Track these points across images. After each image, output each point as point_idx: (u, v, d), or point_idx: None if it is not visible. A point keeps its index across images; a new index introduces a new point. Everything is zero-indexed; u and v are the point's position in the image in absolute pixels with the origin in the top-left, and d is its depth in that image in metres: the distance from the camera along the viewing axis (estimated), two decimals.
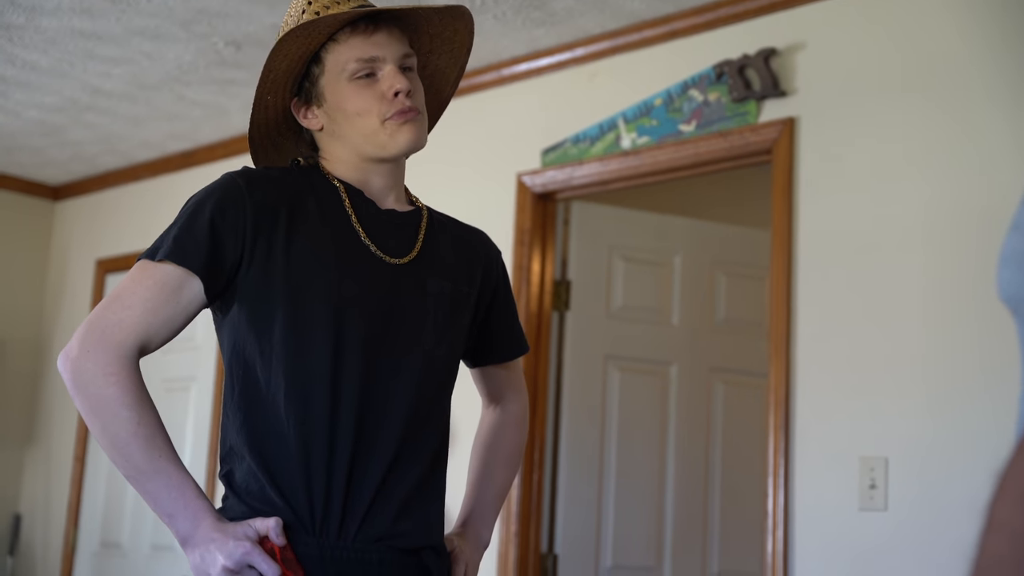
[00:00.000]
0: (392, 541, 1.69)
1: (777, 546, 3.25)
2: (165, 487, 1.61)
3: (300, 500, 1.65)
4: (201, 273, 1.66)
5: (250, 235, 1.69)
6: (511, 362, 2.03)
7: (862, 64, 3.33)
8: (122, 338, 1.62)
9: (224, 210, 1.68)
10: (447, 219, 1.95)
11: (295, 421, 1.67)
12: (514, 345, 2.01)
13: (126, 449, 1.60)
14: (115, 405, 1.60)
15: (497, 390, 2.03)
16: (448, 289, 1.82)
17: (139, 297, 1.64)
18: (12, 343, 6.07)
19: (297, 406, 1.67)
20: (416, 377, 1.74)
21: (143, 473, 1.61)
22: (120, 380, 1.60)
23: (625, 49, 3.89)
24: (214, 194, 1.70)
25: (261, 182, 1.74)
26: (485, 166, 4.23)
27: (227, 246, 1.68)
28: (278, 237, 1.70)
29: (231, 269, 1.69)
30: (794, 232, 3.38)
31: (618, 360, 4.18)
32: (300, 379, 1.68)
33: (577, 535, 4.03)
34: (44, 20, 4.06)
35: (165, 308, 1.65)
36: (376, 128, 1.77)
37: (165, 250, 1.66)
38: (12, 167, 5.99)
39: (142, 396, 1.62)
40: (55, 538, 5.83)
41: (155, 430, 1.62)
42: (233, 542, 1.58)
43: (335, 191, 1.79)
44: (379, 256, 1.76)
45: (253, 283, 1.70)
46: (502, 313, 1.97)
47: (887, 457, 3.08)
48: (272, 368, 1.69)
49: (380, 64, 1.77)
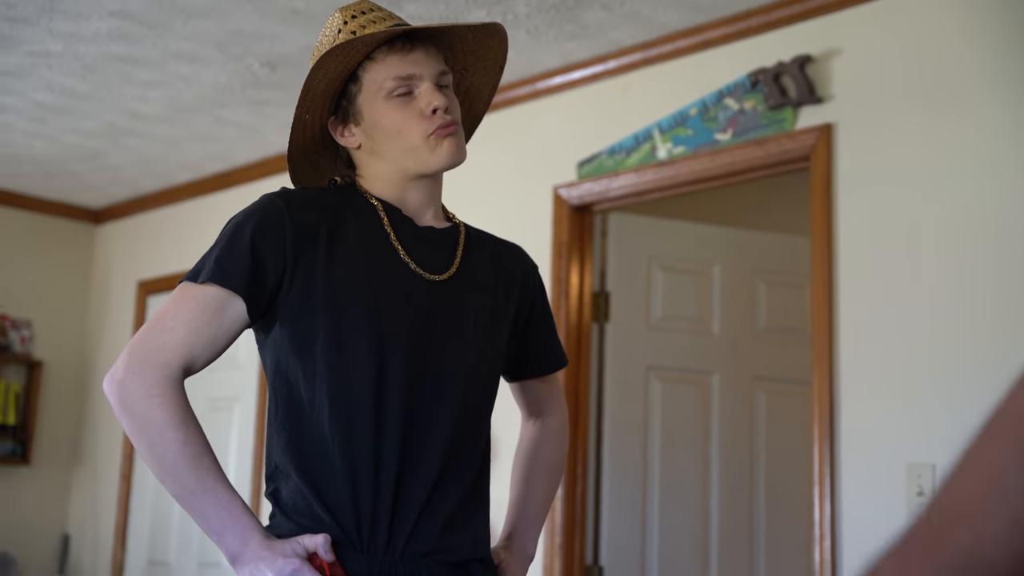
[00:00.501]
0: (439, 556, 1.70)
1: (825, 556, 3.22)
2: (213, 506, 1.62)
3: (347, 517, 1.66)
4: (243, 293, 1.67)
5: (291, 256, 1.70)
6: (550, 376, 2.03)
7: (898, 68, 3.31)
8: (166, 359, 1.63)
9: (264, 231, 1.69)
10: (484, 234, 1.95)
11: (339, 440, 1.67)
12: (552, 359, 2.01)
13: (173, 469, 1.61)
14: (161, 426, 1.61)
15: (537, 404, 2.03)
16: (487, 304, 1.82)
17: (182, 319, 1.66)
18: (57, 366, 6.14)
19: (341, 426, 1.68)
20: (458, 394, 1.75)
21: (191, 492, 1.62)
22: (165, 401, 1.62)
23: (658, 60, 3.88)
24: (254, 215, 1.71)
25: (300, 202, 1.75)
26: (521, 180, 4.23)
27: (268, 267, 1.69)
28: (318, 257, 1.71)
29: (272, 290, 1.70)
30: (834, 238, 3.36)
31: (659, 371, 4.17)
32: (343, 399, 1.68)
33: (622, 547, 4.01)
34: (82, 47, 4.10)
35: (208, 329, 1.66)
36: (418, 144, 1.77)
37: (207, 272, 1.68)
38: (53, 192, 6.06)
39: (187, 416, 1.64)
40: (103, 557, 5.89)
41: (201, 449, 1.63)
42: (282, 559, 1.58)
43: (373, 209, 1.79)
44: (419, 273, 1.76)
45: (294, 303, 1.70)
46: (540, 327, 1.97)
47: (934, 463, 3.05)
48: (316, 388, 1.69)
49: (417, 82, 1.77)
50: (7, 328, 5.99)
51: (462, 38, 1.87)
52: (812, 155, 3.43)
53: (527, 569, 1.94)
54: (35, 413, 6.03)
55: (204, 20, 3.84)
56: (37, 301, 6.17)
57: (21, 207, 6.12)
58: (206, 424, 1.75)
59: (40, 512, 6.08)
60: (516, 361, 1.96)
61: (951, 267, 3.11)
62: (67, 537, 6.10)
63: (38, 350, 6.11)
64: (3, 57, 4.23)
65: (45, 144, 5.24)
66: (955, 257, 3.10)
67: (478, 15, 3.71)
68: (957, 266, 3.10)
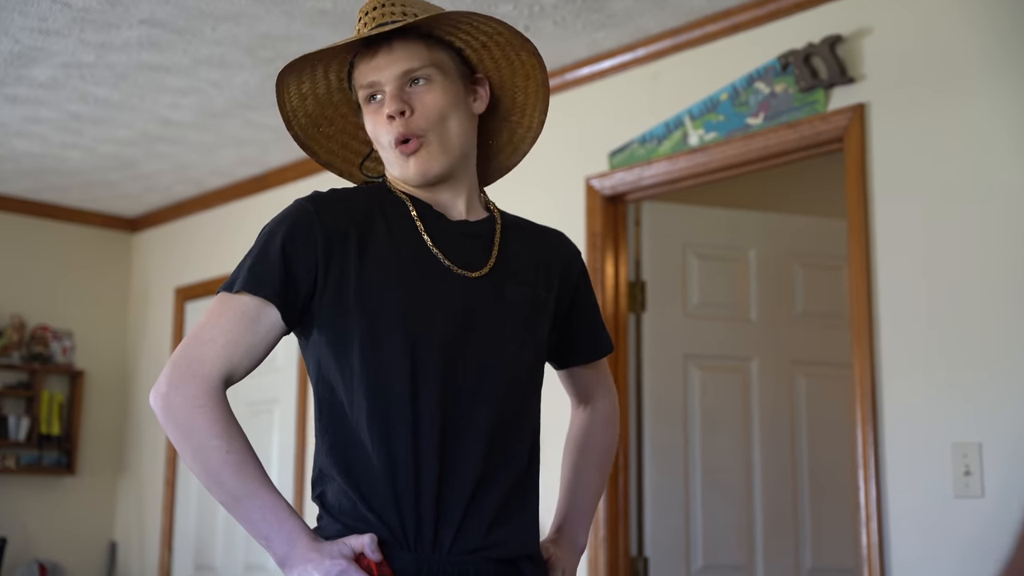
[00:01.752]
0: (487, 552, 1.68)
1: (872, 539, 3.20)
2: (259, 510, 1.63)
3: (392, 517, 1.66)
4: (276, 301, 1.68)
5: (322, 260, 1.70)
6: (597, 362, 2.01)
7: (930, 44, 3.28)
8: (207, 370, 1.65)
9: (295, 237, 1.70)
10: (523, 222, 1.93)
11: (378, 442, 1.67)
12: (598, 345, 1.98)
13: (218, 476, 1.63)
14: (204, 435, 1.63)
15: (585, 391, 2.01)
16: (527, 295, 1.81)
17: (220, 330, 1.67)
18: (99, 375, 6.20)
19: (379, 428, 1.67)
20: (499, 389, 1.74)
21: (237, 499, 1.63)
22: (208, 410, 1.63)
23: (687, 46, 3.87)
24: (284, 222, 1.72)
25: (330, 206, 1.74)
26: (553, 172, 4.23)
27: (300, 273, 1.69)
28: (350, 260, 1.71)
29: (306, 295, 1.70)
30: (870, 219, 3.33)
31: (697, 358, 4.15)
32: (380, 401, 1.68)
33: (666, 537, 4.00)
34: (113, 56, 4.14)
35: (246, 337, 1.67)
36: (389, 152, 1.77)
37: (241, 281, 1.69)
38: (90, 202, 6.12)
39: (230, 424, 1.65)
40: (150, 563, 5.93)
41: (245, 456, 1.64)
42: (329, 561, 1.58)
43: (404, 207, 1.79)
44: (454, 270, 1.75)
45: (329, 307, 1.71)
46: (584, 313, 1.94)
47: (981, 442, 3.02)
48: (353, 390, 1.69)
49: (381, 88, 1.76)
50: (48, 339, 6.05)
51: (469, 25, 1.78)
52: (845, 136, 3.40)
53: (578, 562, 1.91)
54: (79, 423, 6.09)
55: (233, 25, 3.86)
56: (77, 311, 6.23)
57: (58, 218, 6.19)
58: (247, 427, 1.76)
59: (87, 521, 6.14)
60: (561, 348, 1.94)
61: (989, 244, 3.08)
62: (114, 545, 6.16)
63: (80, 360, 6.17)
64: (37, 70, 4.27)
65: (80, 155, 5.29)
66: (994, 234, 3.07)
67: (504, 10, 3.71)
68: (995, 243, 3.07)
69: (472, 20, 1.75)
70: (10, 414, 5.88)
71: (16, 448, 5.88)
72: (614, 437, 2.02)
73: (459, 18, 1.74)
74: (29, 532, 5.90)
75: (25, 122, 4.86)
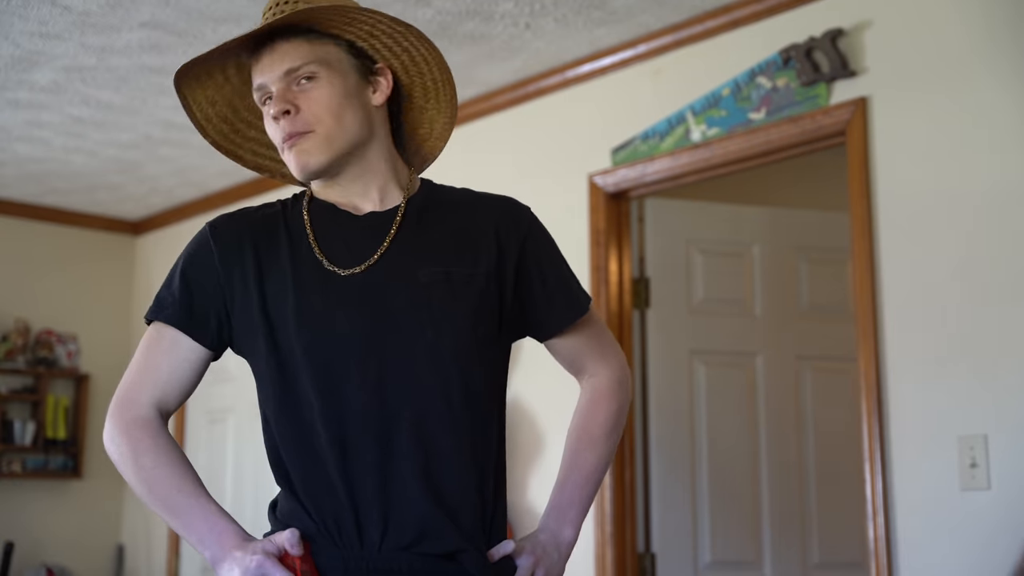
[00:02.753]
0: (421, 547, 1.64)
1: (879, 532, 3.20)
2: (195, 518, 1.68)
3: (324, 514, 1.66)
4: (182, 326, 1.73)
5: (223, 280, 1.73)
6: (582, 330, 1.86)
7: (932, 37, 3.28)
8: (135, 396, 1.73)
9: (194, 262, 1.75)
10: (455, 196, 1.84)
11: (292, 447, 1.69)
12: (567, 307, 1.83)
13: (154, 491, 1.70)
14: (139, 454, 1.70)
15: (576, 362, 1.88)
16: (439, 275, 1.72)
17: (139, 360, 1.76)
18: (104, 378, 6.20)
19: (293, 433, 1.69)
20: (411, 378, 1.67)
21: (173, 511, 1.69)
22: (139, 434, 1.71)
23: (688, 42, 3.86)
24: (188, 247, 1.78)
25: (229, 224, 1.77)
26: (556, 169, 4.22)
27: (204, 295, 1.73)
28: (248, 272, 1.73)
29: (217, 316, 1.74)
30: (873, 213, 3.33)
31: (703, 354, 4.15)
32: (290, 408, 1.69)
33: (673, 533, 4.00)
34: (114, 59, 4.14)
35: (166, 364, 1.74)
36: (283, 152, 1.76)
37: (151, 311, 1.76)
38: (93, 205, 6.12)
39: (159, 443, 1.71)
40: (158, 566, 5.94)
41: (174, 470, 1.70)
42: (250, 556, 1.61)
43: (301, 214, 1.78)
44: (339, 272, 1.71)
45: (239, 325, 1.74)
46: (543, 279, 1.81)
47: (986, 434, 3.02)
48: (268, 399, 1.72)
49: (269, 90, 1.74)
50: (53, 343, 6.05)
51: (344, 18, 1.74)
52: (848, 130, 3.40)
53: (562, 556, 1.77)
54: (84, 426, 6.09)
55: (233, 26, 3.86)
56: (81, 315, 6.23)
57: (62, 222, 6.19)
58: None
59: (94, 524, 6.14)
60: (527, 321, 1.82)
61: (992, 236, 3.07)
62: (122, 548, 6.17)
63: (84, 364, 6.18)
64: (38, 74, 4.27)
65: (83, 158, 5.29)
66: (996, 226, 3.07)
67: (505, 8, 3.71)
68: (999, 234, 3.06)
69: (346, 13, 1.71)
70: (15, 418, 5.88)
71: (22, 452, 5.89)
72: (615, 411, 1.85)
73: (330, 13, 1.70)
74: (36, 536, 5.91)
75: (27, 126, 4.86)
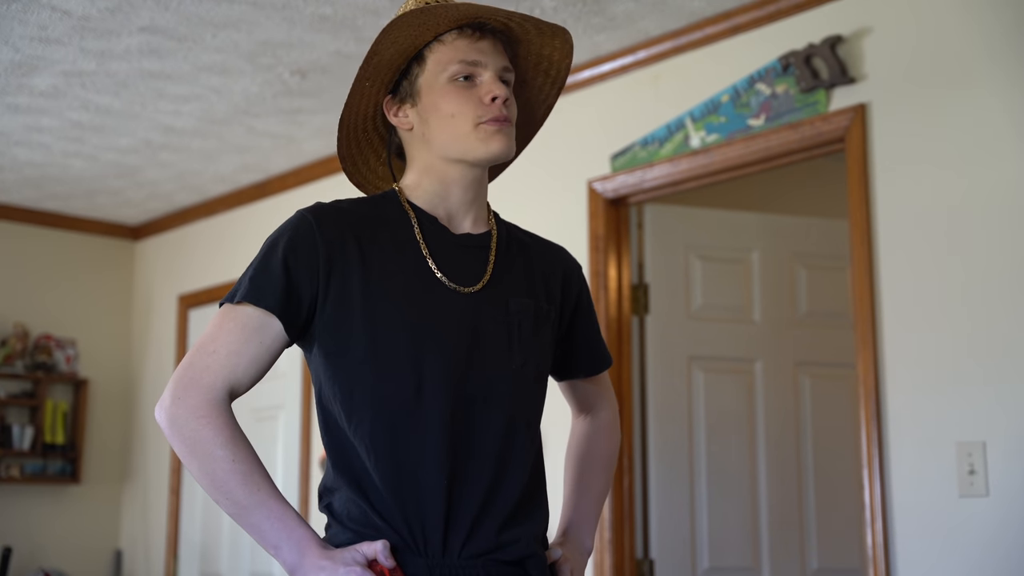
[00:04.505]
0: (496, 555, 1.69)
1: (877, 539, 3.20)
2: (267, 519, 1.62)
3: (400, 524, 1.65)
4: (278, 312, 1.68)
5: (323, 272, 1.70)
6: (600, 376, 2.03)
7: (931, 44, 3.28)
8: (210, 381, 1.65)
9: (296, 249, 1.70)
10: (525, 235, 1.93)
11: (384, 455, 1.67)
12: (598, 359, 1.99)
13: (225, 487, 1.63)
14: (210, 446, 1.63)
15: (586, 401, 2.03)
16: (530, 307, 1.81)
17: (222, 341, 1.67)
18: (103, 383, 6.20)
19: (384, 441, 1.67)
20: (505, 400, 1.74)
21: (244, 508, 1.63)
22: (212, 421, 1.63)
23: (688, 48, 3.87)
24: (286, 233, 1.72)
25: (332, 217, 1.74)
26: (555, 176, 4.23)
27: (302, 284, 1.69)
28: (352, 273, 1.71)
29: (309, 306, 1.70)
30: (873, 220, 3.33)
31: (702, 360, 4.15)
32: (384, 415, 1.68)
33: (672, 539, 4.00)
34: (114, 64, 4.14)
35: (248, 348, 1.67)
36: (468, 131, 1.76)
37: (243, 292, 1.69)
38: (93, 210, 6.13)
39: (235, 435, 1.65)
40: (156, 572, 5.93)
41: (251, 466, 1.64)
42: (343, 568, 1.58)
43: (407, 220, 1.78)
44: (451, 287, 1.74)
45: (331, 319, 1.70)
46: (585, 327, 1.96)
47: (984, 441, 3.02)
48: (354, 403, 1.69)
49: (481, 70, 1.77)
50: (52, 348, 6.05)
51: (526, 47, 1.87)
52: (847, 136, 3.40)
53: (586, 563, 1.93)
54: (83, 431, 6.09)
55: (233, 31, 3.87)
56: (80, 320, 6.23)
57: (61, 227, 6.19)
58: (252, 434, 1.77)
59: (92, 529, 6.14)
60: (563, 362, 1.95)
61: (991, 243, 3.07)
62: (120, 553, 6.16)
63: (83, 368, 6.17)
64: (38, 78, 4.28)
65: (82, 163, 5.29)
66: (995, 233, 3.07)
67: None
68: (997, 242, 3.06)
69: (554, 61, 1.91)
70: (14, 423, 5.88)
71: (20, 457, 5.88)
72: (616, 444, 2.04)
73: (556, 54, 1.90)
74: (34, 541, 5.90)
75: (27, 131, 4.86)
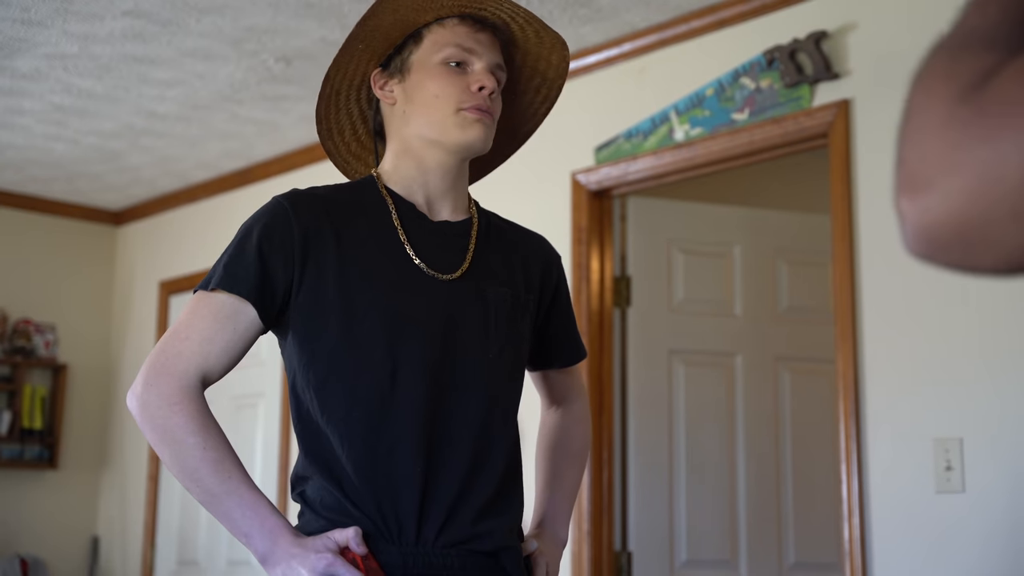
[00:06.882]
0: (471, 545, 1.69)
1: (854, 533, 3.21)
2: (238, 507, 1.62)
3: (374, 512, 1.65)
4: (252, 299, 1.67)
5: (299, 259, 1.69)
6: (573, 368, 2.04)
7: (915, 41, 3.29)
8: (183, 368, 1.64)
9: (271, 235, 1.69)
10: (505, 223, 1.94)
11: (359, 442, 1.66)
12: (573, 351, 2.00)
13: (196, 474, 1.62)
14: (181, 433, 1.62)
15: (559, 393, 2.03)
16: (508, 296, 1.81)
17: (195, 328, 1.67)
18: (82, 369, 6.17)
19: (358, 428, 1.67)
20: (481, 388, 1.74)
21: (215, 496, 1.63)
22: (184, 408, 1.63)
23: (673, 41, 3.87)
24: (261, 219, 1.71)
25: (308, 203, 1.73)
26: (539, 167, 4.22)
27: (277, 271, 1.68)
28: (327, 259, 1.70)
29: (283, 294, 1.70)
30: (854, 216, 3.34)
31: (682, 354, 4.16)
32: (359, 402, 1.68)
33: (650, 531, 4.01)
34: (97, 47, 4.12)
35: (221, 336, 1.67)
36: (448, 114, 1.76)
37: (217, 279, 1.68)
38: (74, 195, 6.09)
39: (207, 422, 1.64)
40: (133, 558, 5.91)
41: (223, 453, 1.63)
42: (315, 555, 1.58)
43: (384, 206, 1.78)
44: (429, 274, 1.74)
45: (306, 306, 1.70)
46: (562, 318, 1.96)
47: (962, 437, 3.03)
48: (328, 390, 1.69)
49: (475, 59, 1.78)
50: (31, 332, 6.02)
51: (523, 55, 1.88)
52: (830, 132, 3.41)
53: (561, 555, 1.92)
54: (61, 417, 6.06)
55: (217, 17, 3.85)
56: (60, 304, 6.20)
57: (42, 211, 6.16)
58: (232, 421, 1.76)
59: (69, 515, 6.11)
60: (537, 352, 1.95)
61: None
62: (96, 539, 6.14)
63: (62, 354, 6.14)
64: (20, 60, 4.25)
65: (64, 147, 5.26)
66: None
67: None
68: None
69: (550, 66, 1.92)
70: None
71: None
72: (589, 436, 2.06)
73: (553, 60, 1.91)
74: (10, 527, 5.88)
75: (8, 113, 4.83)
